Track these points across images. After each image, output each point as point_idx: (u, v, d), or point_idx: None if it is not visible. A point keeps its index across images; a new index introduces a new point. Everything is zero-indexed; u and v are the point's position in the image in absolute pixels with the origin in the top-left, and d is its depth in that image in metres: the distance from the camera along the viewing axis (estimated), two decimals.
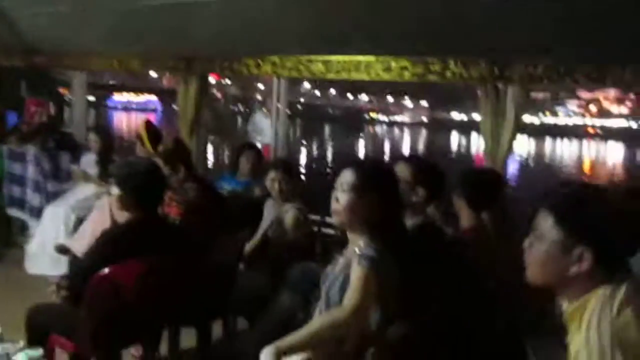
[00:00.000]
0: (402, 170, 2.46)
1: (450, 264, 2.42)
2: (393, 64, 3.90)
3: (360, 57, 4.04)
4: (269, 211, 3.76)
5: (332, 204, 1.99)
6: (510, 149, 3.68)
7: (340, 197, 1.96)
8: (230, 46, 4.62)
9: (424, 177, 2.52)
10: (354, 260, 1.86)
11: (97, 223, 4.28)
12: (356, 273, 1.80)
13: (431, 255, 2.34)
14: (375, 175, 2.00)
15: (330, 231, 3.86)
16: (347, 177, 1.97)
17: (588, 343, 1.26)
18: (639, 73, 3.11)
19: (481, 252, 2.72)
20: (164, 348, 3.27)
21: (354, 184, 1.94)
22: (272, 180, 3.62)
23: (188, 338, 3.37)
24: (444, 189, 2.61)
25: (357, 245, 1.92)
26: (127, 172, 2.56)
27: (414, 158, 2.66)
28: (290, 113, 4.68)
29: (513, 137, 3.64)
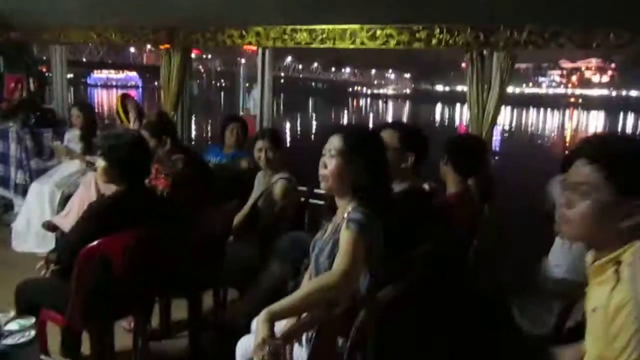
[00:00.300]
0: (389, 137, 2.46)
1: (436, 228, 2.45)
2: (378, 32, 3.87)
3: (345, 26, 4.00)
4: (259, 182, 3.76)
5: (319, 169, 1.98)
6: (496, 117, 3.70)
7: (328, 163, 1.95)
8: (213, 17, 4.54)
9: (411, 142, 2.52)
10: (342, 225, 1.86)
11: (84, 199, 4.25)
12: (345, 237, 1.80)
13: (418, 220, 2.37)
14: (362, 140, 1.99)
15: (318, 202, 3.88)
16: (334, 142, 1.96)
17: (637, 294, 1.23)
18: (623, 37, 3.11)
19: (467, 217, 2.76)
20: (155, 320, 3.31)
21: (342, 149, 1.94)
22: (258, 149, 3.61)
23: (179, 310, 3.40)
24: (428, 154, 2.62)
25: (346, 210, 1.93)
26: (112, 144, 2.53)
27: (399, 124, 2.65)
28: (273, 87, 4.65)
29: (499, 105, 3.65)
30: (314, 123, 31.75)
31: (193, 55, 5.35)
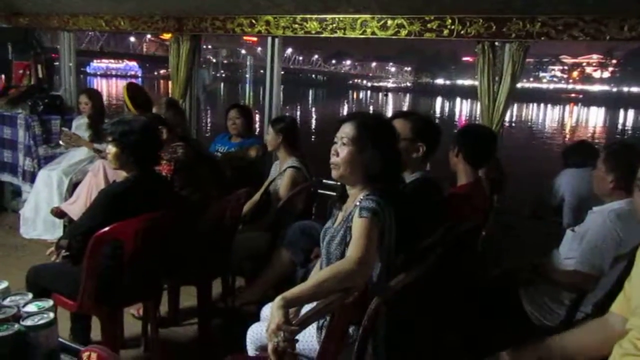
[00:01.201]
0: (400, 126, 2.44)
1: (448, 218, 2.44)
2: (389, 22, 3.84)
3: (356, 15, 3.97)
4: (274, 170, 3.81)
5: (331, 157, 1.97)
6: (506, 109, 3.68)
7: (340, 150, 1.94)
8: (222, 5, 4.52)
9: (423, 132, 2.51)
10: (354, 213, 1.86)
11: (92, 186, 4.27)
12: (358, 225, 1.80)
13: (430, 210, 2.36)
14: (376, 129, 1.98)
15: (326, 192, 3.88)
16: (347, 130, 1.95)
17: None
18: (637, 28, 3.08)
19: (478, 208, 2.75)
20: (164, 308, 3.32)
21: (354, 137, 1.92)
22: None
23: (188, 297, 3.42)
24: (439, 145, 2.61)
25: (357, 198, 1.93)
26: (124, 130, 2.53)
27: (411, 113, 2.64)
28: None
29: (509, 97, 3.62)
30: (314, 116, 31.74)
31: None
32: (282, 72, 4.91)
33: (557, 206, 3.52)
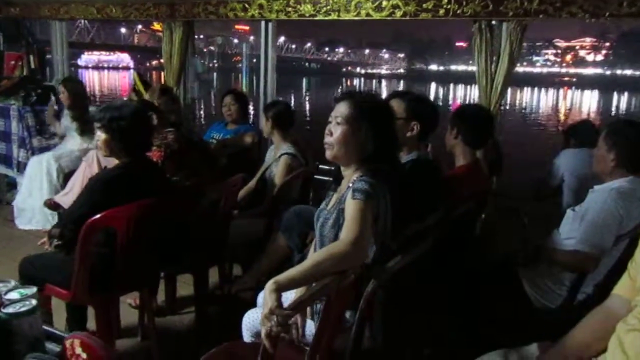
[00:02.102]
0: (396, 106, 2.40)
1: (445, 199, 2.40)
2: (384, 3, 3.77)
3: None
4: (270, 157, 3.75)
5: (325, 137, 1.92)
6: (505, 90, 3.62)
7: (334, 130, 1.89)
8: None
9: (417, 111, 2.46)
10: (348, 195, 1.81)
11: (86, 176, 4.21)
12: (351, 206, 1.75)
13: (426, 191, 2.32)
14: (370, 108, 1.92)
15: (322, 177, 3.85)
16: (341, 109, 1.90)
17: None
18: (637, 4, 3.01)
19: (476, 189, 2.71)
20: (161, 297, 3.29)
21: (349, 116, 1.87)
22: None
23: (185, 286, 3.38)
24: (437, 124, 2.56)
25: (351, 179, 1.88)
26: (114, 115, 2.47)
27: (406, 93, 2.58)
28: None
29: (508, 77, 3.57)
30: (307, 103, 31.70)
31: None
32: (276, 61, 4.84)
33: (557, 187, 3.48)
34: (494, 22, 3.53)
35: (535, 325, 2.29)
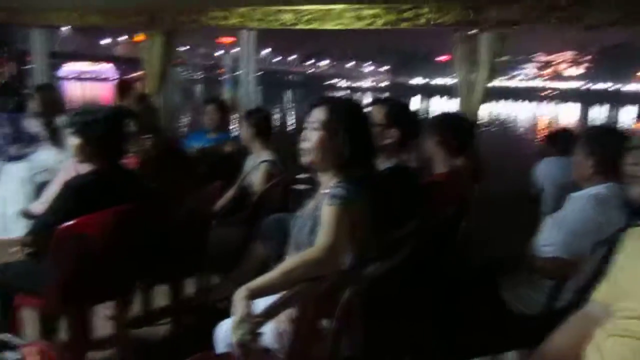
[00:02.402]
0: (376, 112, 2.39)
1: (424, 207, 2.38)
2: (365, 12, 3.78)
3: (331, 6, 3.90)
4: (248, 164, 3.73)
5: (301, 143, 1.91)
6: (485, 98, 3.64)
7: (311, 136, 1.87)
8: None
9: (397, 118, 2.45)
10: (324, 201, 1.79)
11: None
12: (327, 212, 1.73)
13: (405, 198, 2.30)
14: (346, 113, 1.91)
15: (302, 186, 3.82)
16: (317, 114, 1.88)
17: None
18: (613, 13, 3.05)
19: (456, 196, 2.70)
20: (136, 307, 3.21)
21: (325, 121, 1.86)
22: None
23: (161, 297, 3.31)
24: (417, 132, 2.55)
25: (328, 186, 1.86)
26: (86, 120, 2.42)
27: (387, 100, 2.58)
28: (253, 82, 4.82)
29: (487, 87, 3.59)
30: (294, 116, 31.77)
31: None
32: (260, 73, 4.85)
33: (537, 195, 3.49)
34: (475, 31, 3.55)
35: (514, 333, 2.27)
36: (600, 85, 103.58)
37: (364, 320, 1.89)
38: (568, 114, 51.62)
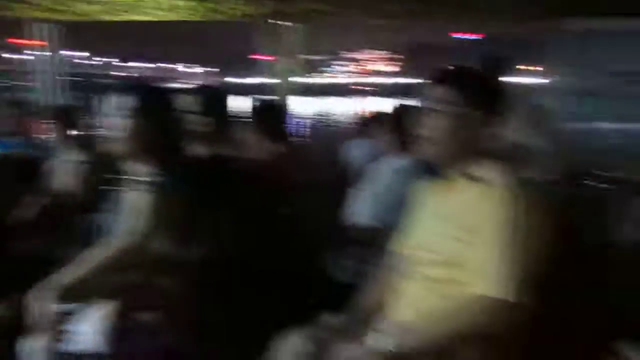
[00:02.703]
0: (191, 101, 2.36)
1: (241, 193, 2.40)
2: (181, 3, 3.64)
3: None
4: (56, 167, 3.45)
5: (110, 132, 1.82)
6: (292, 85, 3.80)
7: (122, 124, 1.80)
8: None
9: (210, 106, 2.44)
10: (137, 190, 1.74)
11: None
12: (138, 199, 1.70)
13: (220, 185, 2.30)
14: (153, 99, 1.89)
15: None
16: (126, 102, 1.82)
17: None
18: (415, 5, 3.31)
19: (276, 182, 2.76)
20: None
21: (132, 108, 1.80)
22: None
23: None
24: (231, 119, 2.57)
25: (140, 174, 1.81)
26: None
27: (202, 88, 2.56)
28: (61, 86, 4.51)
29: (293, 73, 3.75)
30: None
31: None
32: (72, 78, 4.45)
33: (346, 169, 3.77)
34: (279, 24, 3.65)
35: (333, 300, 2.40)
36: (410, 80, 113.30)
37: (192, 308, 1.85)
38: (381, 106, 55.77)
